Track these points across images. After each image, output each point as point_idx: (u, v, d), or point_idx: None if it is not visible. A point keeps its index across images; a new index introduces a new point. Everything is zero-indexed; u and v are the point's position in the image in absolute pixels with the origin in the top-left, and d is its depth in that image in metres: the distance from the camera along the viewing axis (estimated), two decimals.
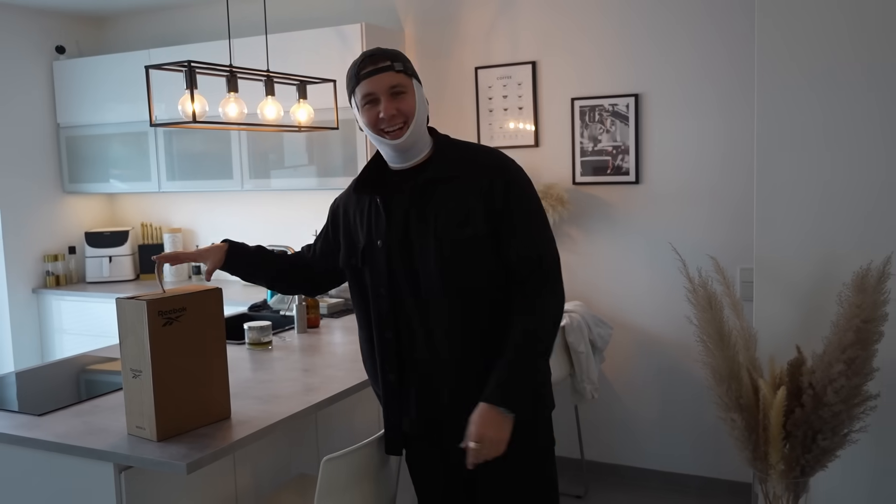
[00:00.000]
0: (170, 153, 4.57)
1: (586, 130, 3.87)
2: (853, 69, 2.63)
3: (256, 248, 2.24)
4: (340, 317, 3.64)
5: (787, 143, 2.74)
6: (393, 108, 1.85)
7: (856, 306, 2.24)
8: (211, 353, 2.12)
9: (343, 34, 3.96)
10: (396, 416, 2.02)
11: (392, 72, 1.86)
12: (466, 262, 1.87)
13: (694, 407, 3.75)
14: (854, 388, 2.25)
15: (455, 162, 1.93)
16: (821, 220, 2.71)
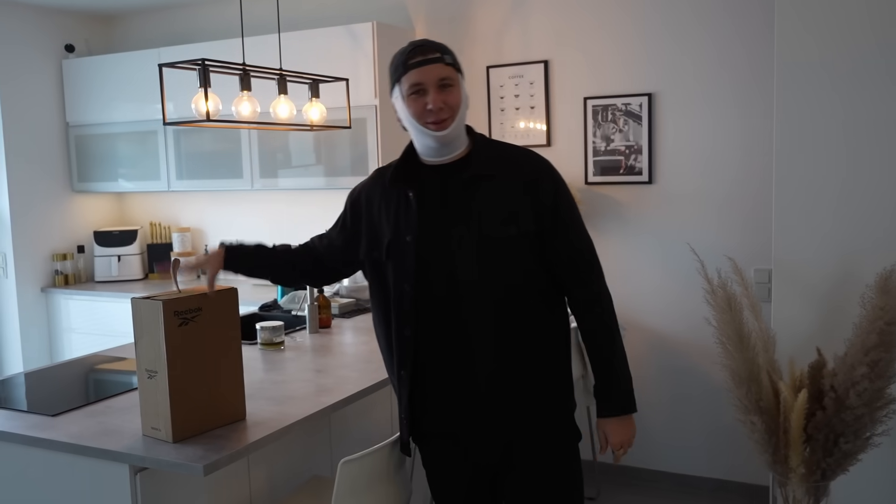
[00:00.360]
0: (179, 152, 4.55)
1: (599, 130, 3.84)
2: (875, 67, 2.59)
3: (256, 246, 2.22)
4: (352, 317, 3.62)
5: (806, 143, 2.71)
6: (440, 101, 1.84)
7: (879, 308, 2.21)
8: (226, 353, 2.10)
9: (354, 33, 3.94)
10: (409, 413, 1.99)
11: (442, 64, 1.85)
12: (508, 261, 1.86)
13: (707, 409, 3.72)
14: (877, 391, 2.22)
15: (495, 160, 1.91)
16: (841, 221, 2.68)
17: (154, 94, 4.51)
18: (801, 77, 2.70)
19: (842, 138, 2.66)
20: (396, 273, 1.93)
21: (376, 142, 3.96)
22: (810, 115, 2.69)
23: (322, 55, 3.95)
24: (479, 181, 1.88)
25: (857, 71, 2.61)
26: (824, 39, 2.65)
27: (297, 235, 4.47)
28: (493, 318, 1.86)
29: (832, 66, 2.65)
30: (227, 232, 4.92)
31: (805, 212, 2.73)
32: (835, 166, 2.68)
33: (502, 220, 1.85)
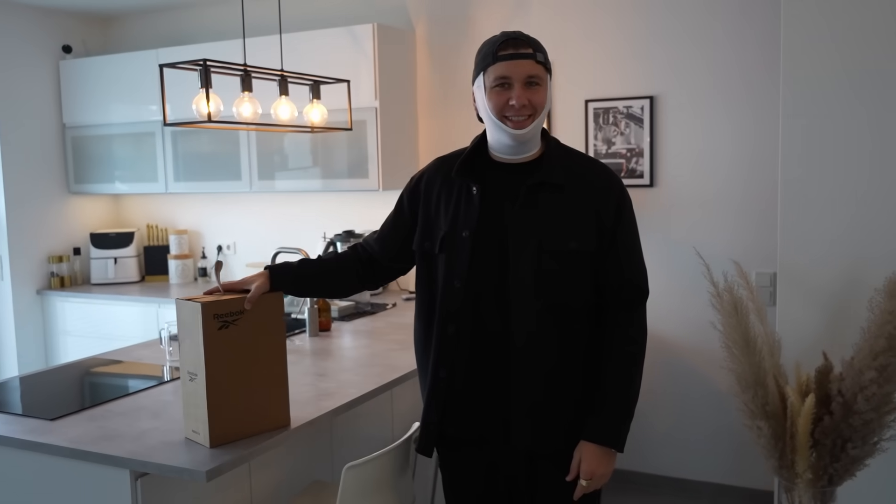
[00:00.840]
0: (177, 154, 4.52)
1: (600, 133, 3.82)
2: (882, 70, 2.58)
3: (300, 261, 2.13)
4: (351, 320, 3.59)
5: (813, 144, 2.70)
6: (525, 98, 1.77)
7: (888, 312, 2.19)
8: (269, 358, 2.02)
9: (355, 34, 3.92)
10: (438, 414, 1.92)
11: (533, 61, 1.78)
12: (562, 275, 1.81)
13: (709, 413, 3.70)
14: (885, 396, 2.20)
15: (566, 169, 1.85)
16: (847, 224, 2.66)
17: (151, 96, 4.49)
18: (807, 79, 2.68)
19: (848, 140, 2.65)
20: (448, 268, 1.86)
21: (376, 144, 3.93)
22: (817, 117, 2.68)
23: (322, 57, 3.93)
24: (546, 188, 1.82)
25: (864, 72, 2.60)
26: (832, 39, 2.64)
27: (296, 238, 4.49)
28: (537, 329, 1.81)
29: (839, 68, 2.64)
30: (226, 234, 4.89)
31: (811, 214, 2.72)
32: (842, 168, 2.67)
33: (563, 234, 1.80)
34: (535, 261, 1.79)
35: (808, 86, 2.68)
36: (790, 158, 2.74)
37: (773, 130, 3.32)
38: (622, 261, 1.86)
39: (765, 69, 3.43)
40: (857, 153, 2.64)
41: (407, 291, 4.23)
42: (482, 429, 1.90)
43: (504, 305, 1.82)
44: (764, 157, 3.47)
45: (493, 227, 1.83)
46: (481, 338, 1.85)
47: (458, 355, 1.88)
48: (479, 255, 1.83)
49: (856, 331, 2.34)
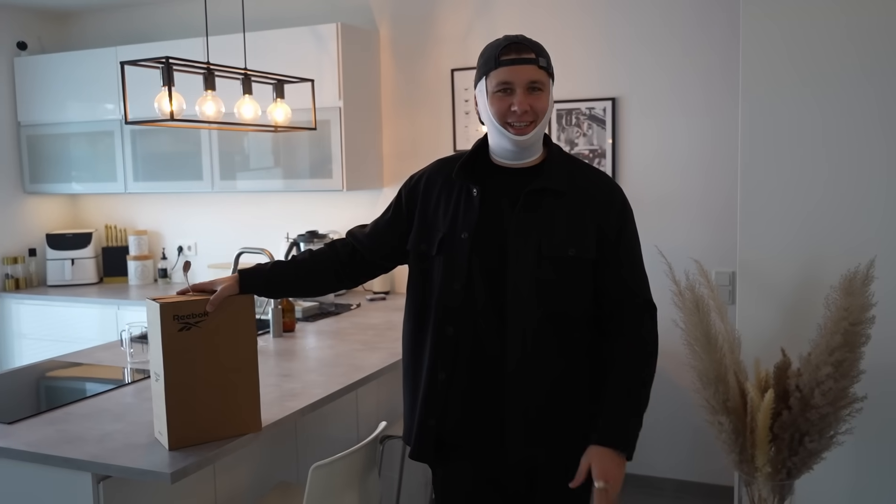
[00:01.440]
0: (136, 153, 4.45)
1: (563, 134, 3.86)
2: (841, 71, 2.65)
3: (272, 263, 2.08)
4: (315, 321, 3.57)
5: (771, 145, 2.76)
6: (527, 104, 1.75)
7: (843, 309, 2.24)
8: (239, 362, 1.98)
9: (319, 34, 3.90)
10: (436, 418, 1.86)
11: (535, 66, 1.76)
12: (561, 282, 1.79)
13: (671, 410, 3.75)
14: (841, 391, 2.25)
15: (567, 176, 1.83)
16: (805, 223, 2.73)
17: (110, 94, 4.42)
18: (766, 81, 2.74)
19: (807, 141, 2.71)
20: (446, 270, 1.83)
21: (340, 144, 3.92)
22: (775, 118, 2.74)
23: (286, 56, 3.91)
24: (547, 194, 1.80)
25: (821, 74, 2.67)
26: (791, 40, 2.70)
27: (259, 239, 4.45)
28: (533, 336, 1.78)
29: (798, 70, 2.70)
30: (187, 235, 4.83)
31: (770, 214, 2.77)
32: (799, 169, 2.73)
33: (563, 241, 1.78)
34: (534, 266, 1.77)
35: (767, 88, 2.74)
36: (748, 160, 2.80)
37: (732, 132, 3.39)
38: (625, 273, 1.85)
39: (726, 70, 3.50)
40: (813, 155, 2.71)
41: (371, 292, 4.22)
42: (478, 436, 1.85)
43: (501, 310, 1.79)
44: (724, 157, 3.54)
45: (492, 230, 1.80)
46: (479, 342, 1.82)
47: (457, 358, 1.84)
48: (477, 258, 1.81)
49: (813, 328, 2.39)
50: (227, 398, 1.98)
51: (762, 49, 2.73)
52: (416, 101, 4.17)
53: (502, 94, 1.76)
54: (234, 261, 3.42)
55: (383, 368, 2.73)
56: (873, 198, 2.65)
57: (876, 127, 2.63)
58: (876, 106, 2.62)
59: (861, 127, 2.64)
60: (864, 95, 2.63)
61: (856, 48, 2.63)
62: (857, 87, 2.64)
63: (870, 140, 2.64)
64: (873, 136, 2.63)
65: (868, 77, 2.62)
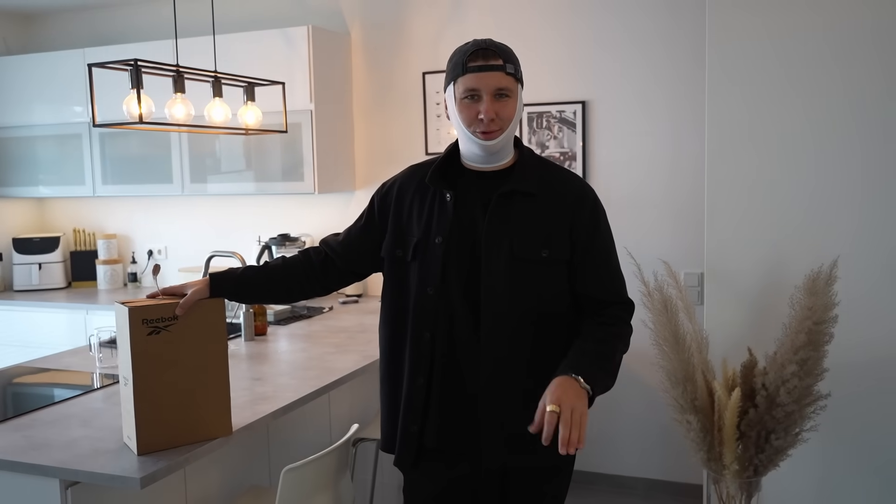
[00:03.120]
0: (105, 156, 4.40)
1: (534, 137, 3.89)
2: (804, 73, 2.70)
3: (244, 268, 2.07)
4: (287, 324, 3.56)
5: (737, 147, 2.80)
6: (493, 112, 1.74)
7: (807, 308, 2.29)
8: (208, 367, 1.96)
9: (289, 37, 3.89)
10: (418, 424, 1.85)
11: (502, 73, 1.75)
12: (534, 284, 1.79)
13: (640, 410, 3.79)
14: (806, 389, 2.30)
15: (538, 178, 1.84)
16: (770, 224, 2.78)
17: (78, 96, 4.37)
18: (731, 77, 2.78)
19: (772, 142, 2.76)
20: (422, 275, 1.83)
21: (311, 147, 3.91)
22: (741, 116, 2.78)
23: (256, 59, 3.89)
24: (517, 196, 1.81)
25: (785, 77, 2.72)
26: (754, 44, 2.75)
27: (230, 242, 4.42)
28: (508, 339, 1.78)
29: (762, 72, 2.75)
30: (157, 239, 4.79)
31: (735, 216, 2.82)
32: (764, 170, 2.78)
33: (535, 242, 1.78)
34: (507, 268, 1.78)
35: (732, 91, 2.79)
36: (714, 161, 2.84)
37: (699, 133, 3.43)
38: (601, 272, 1.85)
39: (694, 73, 3.54)
40: (777, 156, 2.76)
41: (343, 295, 4.21)
42: (457, 442, 1.84)
43: (475, 314, 1.79)
44: (691, 159, 3.58)
45: (465, 233, 1.81)
46: (455, 345, 1.82)
47: (434, 363, 1.83)
48: (451, 262, 1.81)
49: (778, 327, 2.44)
50: (196, 402, 1.96)
51: (728, 47, 2.78)
52: (387, 104, 4.18)
53: (469, 100, 1.76)
54: (205, 264, 3.40)
55: (356, 371, 2.73)
56: (837, 198, 2.70)
57: (840, 128, 2.68)
58: (840, 108, 2.68)
59: (825, 128, 2.70)
60: (829, 97, 2.68)
61: (821, 48, 2.68)
62: (821, 88, 2.69)
63: (834, 142, 2.69)
64: (837, 138, 2.69)
65: (832, 78, 2.68)
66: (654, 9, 3.63)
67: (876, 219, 2.66)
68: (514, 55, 1.81)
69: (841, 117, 2.67)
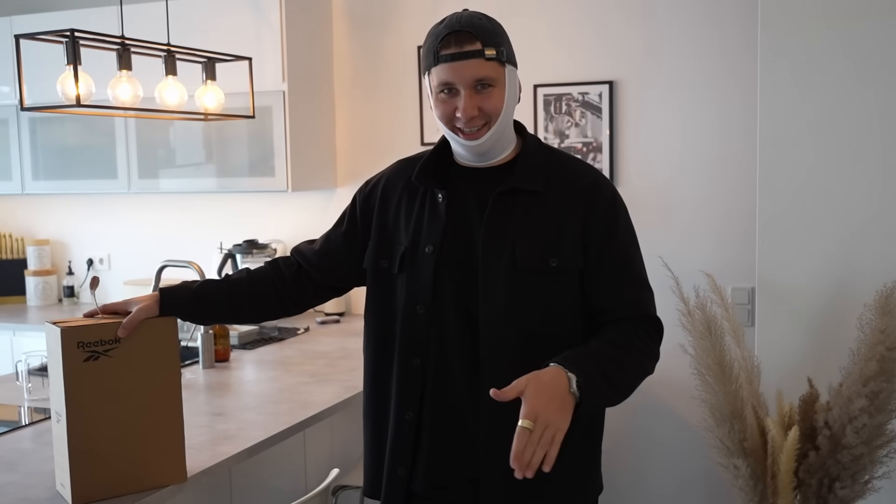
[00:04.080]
0: (35, 146, 4.42)
1: (551, 124, 3.90)
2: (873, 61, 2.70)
3: (201, 282, 2.07)
4: (255, 348, 3.57)
5: (795, 139, 2.81)
6: (474, 108, 1.73)
7: (879, 331, 2.30)
8: (158, 399, 1.96)
9: (258, 3, 3.91)
10: (405, 467, 1.85)
11: (481, 59, 1.71)
12: (541, 299, 1.78)
13: (676, 452, 3.79)
14: (877, 427, 2.31)
15: (544, 173, 1.83)
16: (834, 233, 2.78)
17: (3, 74, 4.38)
18: (788, 60, 2.79)
19: (836, 133, 2.76)
20: (409, 290, 1.84)
21: (283, 134, 3.93)
22: (799, 106, 2.79)
23: (218, 29, 3.91)
24: (520, 196, 1.80)
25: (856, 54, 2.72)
26: (818, 15, 2.75)
27: (186, 250, 4.43)
28: (510, 362, 1.75)
29: (827, 48, 2.75)
30: (98, 245, 4.80)
31: (793, 222, 2.82)
32: (827, 166, 2.78)
33: (542, 250, 1.78)
34: (509, 282, 1.77)
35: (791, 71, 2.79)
36: (768, 158, 2.85)
37: (751, 122, 3.44)
38: (621, 282, 1.83)
39: (743, 51, 3.55)
40: (844, 155, 2.76)
41: (322, 314, 4.22)
42: (453, 486, 1.84)
43: (473, 335, 1.79)
44: (741, 155, 3.59)
45: (460, 241, 1.81)
46: (449, 374, 1.82)
47: (425, 394, 1.83)
48: (443, 275, 1.81)
49: (844, 353, 2.45)
50: (144, 443, 1.96)
51: (785, 25, 2.78)
52: (376, 84, 4.19)
53: (445, 95, 1.75)
54: (156, 276, 3.41)
55: (336, 405, 2.73)
56: None
57: None
58: None
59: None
60: None
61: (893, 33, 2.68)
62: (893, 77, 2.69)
63: None
64: None
65: None
66: None
67: None
68: (499, 31, 1.78)
69: None
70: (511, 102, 1.80)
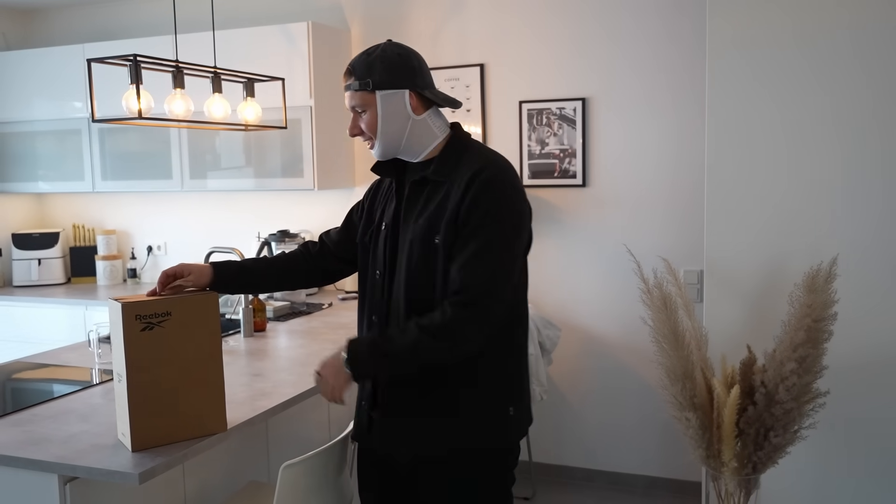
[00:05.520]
0: (104, 152, 4.40)
1: (534, 133, 3.88)
2: (805, 68, 2.70)
3: (243, 260, 2.20)
4: (287, 320, 3.56)
5: (737, 144, 2.80)
6: (355, 128, 1.88)
7: (807, 306, 2.29)
8: (202, 363, 1.97)
9: (289, 33, 3.89)
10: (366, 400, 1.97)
11: (351, 91, 1.85)
12: (427, 271, 1.80)
13: (639, 407, 3.80)
14: (805, 386, 2.30)
15: (452, 166, 1.83)
16: (769, 222, 2.77)
17: (77, 92, 4.37)
18: (731, 79, 2.78)
19: (771, 140, 2.76)
20: (373, 259, 1.95)
21: (311, 143, 3.91)
22: (741, 117, 2.78)
23: (256, 54, 3.89)
24: (427, 184, 1.85)
25: (785, 72, 2.71)
26: (754, 41, 2.74)
27: (230, 238, 4.42)
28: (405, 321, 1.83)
29: (762, 66, 2.75)
30: (156, 235, 4.79)
31: (735, 213, 2.82)
32: (764, 168, 2.78)
33: (430, 229, 1.80)
34: (409, 253, 1.84)
35: (733, 86, 2.78)
36: (714, 159, 2.84)
37: (701, 130, 3.43)
38: (460, 256, 1.75)
39: (693, 71, 3.54)
40: (776, 154, 2.76)
41: (343, 291, 4.22)
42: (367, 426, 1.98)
43: (388, 297, 1.90)
44: (691, 157, 3.58)
45: (397, 221, 1.91)
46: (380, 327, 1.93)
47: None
48: (392, 247, 1.90)
49: (777, 324, 2.44)
50: (191, 399, 1.96)
51: (727, 49, 2.78)
52: None
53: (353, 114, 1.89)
54: (205, 260, 3.39)
55: None
56: (836, 196, 2.70)
57: (839, 126, 2.68)
58: (838, 105, 2.68)
59: (824, 126, 2.70)
60: (828, 95, 2.68)
61: (819, 48, 2.68)
62: (820, 86, 2.69)
63: (833, 139, 2.69)
64: (836, 135, 2.69)
65: (831, 77, 2.67)
66: (656, 6, 3.62)
67: (876, 216, 2.66)
68: (370, 67, 1.81)
69: (838, 114, 2.67)
70: (388, 119, 1.83)
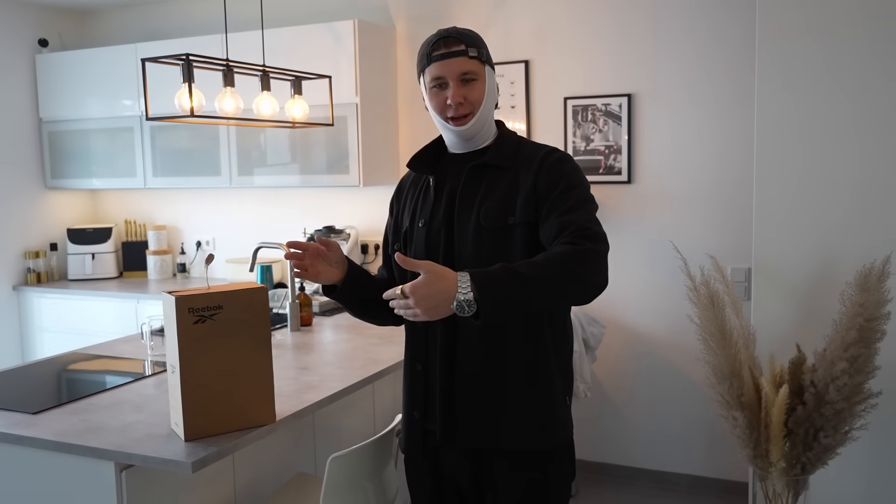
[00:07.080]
0: (155, 149, 4.50)
1: (579, 130, 3.87)
2: (857, 65, 2.64)
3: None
4: (332, 315, 3.60)
5: (786, 140, 2.76)
6: (460, 96, 1.77)
7: (859, 305, 2.25)
8: (253, 355, 2.00)
9: (336, 31, 3.93)
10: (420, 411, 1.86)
11: (465, 57, 1.77)
12: (503, 253, 1.74)
13: (684, 406, 3.76)
14: (856, 386, 2.26)
15: (514, 152, 1.83)
16: (820, 219, 2.73)
17: (129, 90, 4.47)
18: (781, 74, 2.74)
19: (822, 136, 2.71)
20: (416, 256, 1.84)
21: (357, 140, 3.95)
22: (791, 112, 2.74)
23: (304, 52, 3.93)
24: (490, 169, 1.81)
25: (837, 68, 2.66)
26: (806, 35, 2.70)
27: (276, 234, 4.49)
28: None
29: (813, 63, 2.70)
30: (205, 230, 4.88)
31: (785, 210, 2.78)
32: (814, 163, 2.73)
33: (502, 211, 1.76)
34: (476, 239, 1.77)
35: (783, 83, 2.74)
36: (763, 156, 2.80)
37: (748, 127, 3.38)
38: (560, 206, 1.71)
39: (742, 65, 3.49)
40: (828, 151, 2.71)
41: None
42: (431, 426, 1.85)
43: None
44: (740, 153, 3.53)
45: (444, 214, 1.82)
46: (444, 330, 1.81)
47: (428, 348, 1.85)
48: (434, 243, 1.82)
49: (828, 323, 2.40)
50: (241, 390, 2.01)
51: (779, 44, 2.73)
52: None
53: (437, 89, 1.80)
54: (252, 255, 3.45)
55: (399, 362, 2.75)
56: (890, 194, 2.64)
57: (890, 122, 2.62)
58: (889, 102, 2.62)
59: (878, 123, 2.64)
60: (885, 87, 2.62)
61: (878, 37, 2.62)
62: (877, 78, 2.63)
63: (887, 136, 2.63)
64: (887, 132, 2.63)
65: (887, 73, 2.62)
66: (704, 1, 3.58)
67: None
68: (479, 40, 1.83)
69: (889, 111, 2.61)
70: (490, 96, 1.83)
